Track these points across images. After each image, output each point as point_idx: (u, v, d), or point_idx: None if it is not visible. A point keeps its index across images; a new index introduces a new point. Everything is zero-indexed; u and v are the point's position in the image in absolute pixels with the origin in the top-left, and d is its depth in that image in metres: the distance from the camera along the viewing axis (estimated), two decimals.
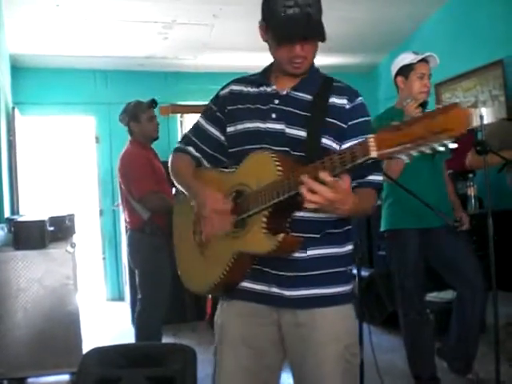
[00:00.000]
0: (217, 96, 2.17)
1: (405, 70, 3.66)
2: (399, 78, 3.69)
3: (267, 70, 2.10)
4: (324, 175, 1.63)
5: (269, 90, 2.04)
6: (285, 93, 2.02)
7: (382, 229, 3.85)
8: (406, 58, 3.66)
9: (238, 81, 2.15)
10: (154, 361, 2.66)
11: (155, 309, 4.12)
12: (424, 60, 3.64)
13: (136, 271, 4.28)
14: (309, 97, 2.00)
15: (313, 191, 1.64)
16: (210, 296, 2.18)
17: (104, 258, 8.01)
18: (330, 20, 6.15)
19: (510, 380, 3.68)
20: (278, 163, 1.82)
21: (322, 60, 7.82)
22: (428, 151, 1.51)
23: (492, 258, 3.36)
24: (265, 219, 1.84)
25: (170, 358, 2.63)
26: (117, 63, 7.76)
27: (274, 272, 1.96)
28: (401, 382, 3.94)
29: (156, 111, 6.82)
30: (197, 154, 2.18)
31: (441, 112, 1.46)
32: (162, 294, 4.12)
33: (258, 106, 2.03)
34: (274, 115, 1.99)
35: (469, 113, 1.47)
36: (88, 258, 7.96)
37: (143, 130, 4.33)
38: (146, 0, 6.02)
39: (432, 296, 5.07)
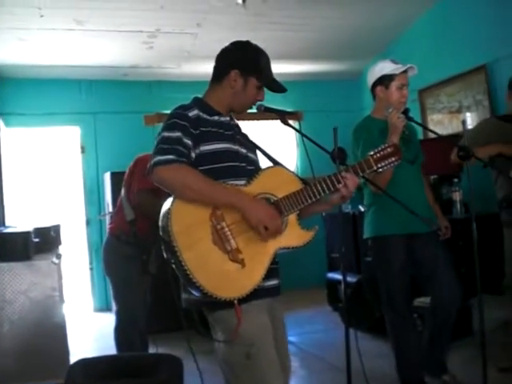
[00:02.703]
0: (186, 116, 2.34)
1: (385, 80, 3.68)
2: (379, 88, 3.71)
3: (206, 103, 2.46)
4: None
5: (222, 119, 2.46)
6: (232, 123, 2.52)
7: (365, 236, 3.87)
8: (386, 68, 3.68)
9: (192, 107, 2.40)
10: (140, 371, 2.65)
11: (132, 321, 4.05)
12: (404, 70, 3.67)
13: (109, 281, 4.26)
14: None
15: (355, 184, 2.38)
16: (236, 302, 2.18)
17: (91, 269, 7.97)
18: (315, 27, 6.24)
19: None
20: (295, 175, 2.44)
21: (307, 67, 7.93)
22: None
23: (477, 263, 3.37)
24: (298, 218, 2.34)
25: (157, 368, 2.62)
26: (102, 73, 7.74)
27: (275, 266, 2.37)
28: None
29: (141, 121, 6.87)
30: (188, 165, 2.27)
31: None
32: (136, 305, 4.06)
33: (225, 131, 2.43)
34: (237, 141, 2.46)
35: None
36: (75, 269, 7.93)
37: None
38: (130, 10, 6.00)
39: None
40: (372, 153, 2.41)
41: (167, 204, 2.21)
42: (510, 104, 4.36)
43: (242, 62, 2.46)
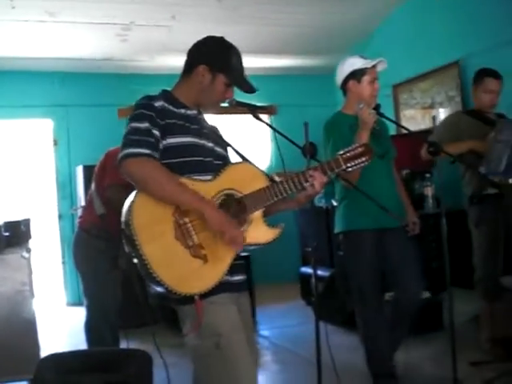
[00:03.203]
0: (152, 106, 2.32)
1: (357, 74, 3.70)
2: (351, 82, 3.73)
3: (173, 96, 2.44)
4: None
5: (189, 112, 2.43)
6: (199, 117, 2.48)
7: (337, 230, 3.88)
8: (356, 63, 3.71)
9: (158, 98, 2.37)
10: (110, 366, 2.64)
11: (103, 316, 4.02)
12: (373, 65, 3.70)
13: (79, 275, 4.22)
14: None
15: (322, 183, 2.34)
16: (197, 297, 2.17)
17: (64, 263, 7.91)
18: (289, 22, 6.23)
19: (467, 378, 3.72)
20: (263, 172, 2.39)
21: (281, 62, 7.91)
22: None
23: (446, 257, 3.40)
24: (263, 215, 2.34)
25: (126, 362, 2.61)
26: (75, 65, 7.67)
27: (239, 262, 2.38)
28: (359, 380, 3.98)
29: (114, 114, 6.82)
30: (158, 158, 2.26)
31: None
32: (106, 299, 4.02)
33: (191, 125, 2.40)
34: (203, 135, 2.42)
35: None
36: (48, 263, 7.86)
37: None
38: (104, 2, 5.96)
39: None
40: (342, 152, 2.40)
41: (130, 197, 2.19)
42: (475, 99, 4.41)
43: (212, 57, 2.44)
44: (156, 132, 2.27)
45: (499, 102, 4.38)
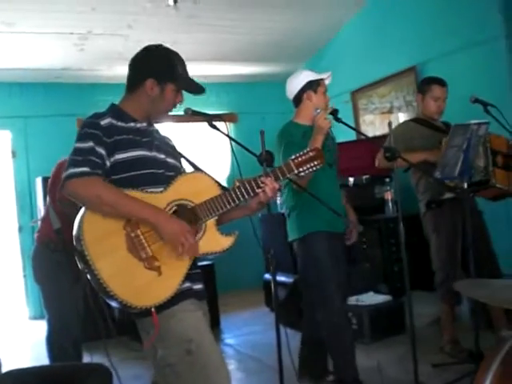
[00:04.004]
0: (98, 124, 2.30)
1: (314, 85, 3.82)
2: (308, 92, 3.82)
3: (122, 110, 2.42)
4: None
5: (139, 125, 2.42)
6: (150, 129, 2.48)
7: (291, 238, 3.90)
8: (310, 75, 3.84)
9: (105, 116, 2.36)
10: (69, 381, 2.60)
11: (64, 329, 3.96)
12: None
13: (39, 288, 4.16)
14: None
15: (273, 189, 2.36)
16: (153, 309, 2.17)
17: (25, 276, 7.78)
18: (247, 30, 6.25)
19: (429, 380, 3.76)
20: (215, 181, 2.39)
21: (240, 69, 7.91)
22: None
23: (405, 261, 3.44)
24: (216, 223, 2.34)
25: (86, 377, 2.57)
26: (33, 75, 7.56)
27: (197, 271, 2.41)
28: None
29: (74, 124, 6.75)
30: (101, 175, 2.24)
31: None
32: (68, 313, 3.97)
33: (142, 138, 2.39)
34: (155, 147, 2.41)
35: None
36: (8, 277, 7.74)
37: None
38: (61, 11, 5.90)
39: (353, 300, 5.16)
40: (293, 157, 2.42)
41: (80, 212, 2.18)
42: (422, 107, 4.49)
43: (158, 70, 2.43)
44: (101, 150, 2.25)
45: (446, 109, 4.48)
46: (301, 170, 2.40)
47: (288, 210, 3.90)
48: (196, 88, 2.50)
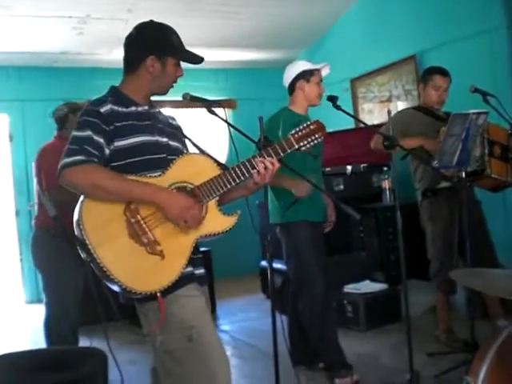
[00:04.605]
0: (97, 112, 2.27)
1: (306, 74, 3.91)
2: (301, 81, 3.92)
3: (122, 94, 2.40)
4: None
5: (140, 109, 2.39)
6: (152, 111, 2.45)
7: (273, 221, 3.98)
8: (306, 65, 3.95)
9: (106, 102, 2.32)
10: (64, 365, 2.60)
11: (63, 314, 3.96)
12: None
13: (39, 273, 4.16)
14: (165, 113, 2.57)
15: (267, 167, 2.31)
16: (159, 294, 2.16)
17: (21, 260, 7.79)
18: (249, 15, 6.20)
19: (424, 368, 3.75)
20: (214, 160, 2.37)
21: (241, 55, 7.86)
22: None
23: (401, 249, 3.44)
24: (217, 204, 2.31)
25: (81, 362, 2.58)
26: (31, 59, 7.53)
27: (198, 256, 2.40)
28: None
29: None
30: (98, 163, 2.21)
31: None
32: (68, 297, 3.98)
33: (143, 122, 2.36)
34: (157, 130, 2.39)
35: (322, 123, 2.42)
36: (4, 260, 7.74)
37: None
38: None
39: (349, 287, 5.17)
40: (293, 131, 2.39)
41: (80, 201, 2.17)
42: (424, 96, 4.48)
43: (156, 45, 2.40)
44: (99, 139, 2.23)
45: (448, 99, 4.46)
46: (301, 144, 2.38)
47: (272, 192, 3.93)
48: (195, 58, 2.46)
